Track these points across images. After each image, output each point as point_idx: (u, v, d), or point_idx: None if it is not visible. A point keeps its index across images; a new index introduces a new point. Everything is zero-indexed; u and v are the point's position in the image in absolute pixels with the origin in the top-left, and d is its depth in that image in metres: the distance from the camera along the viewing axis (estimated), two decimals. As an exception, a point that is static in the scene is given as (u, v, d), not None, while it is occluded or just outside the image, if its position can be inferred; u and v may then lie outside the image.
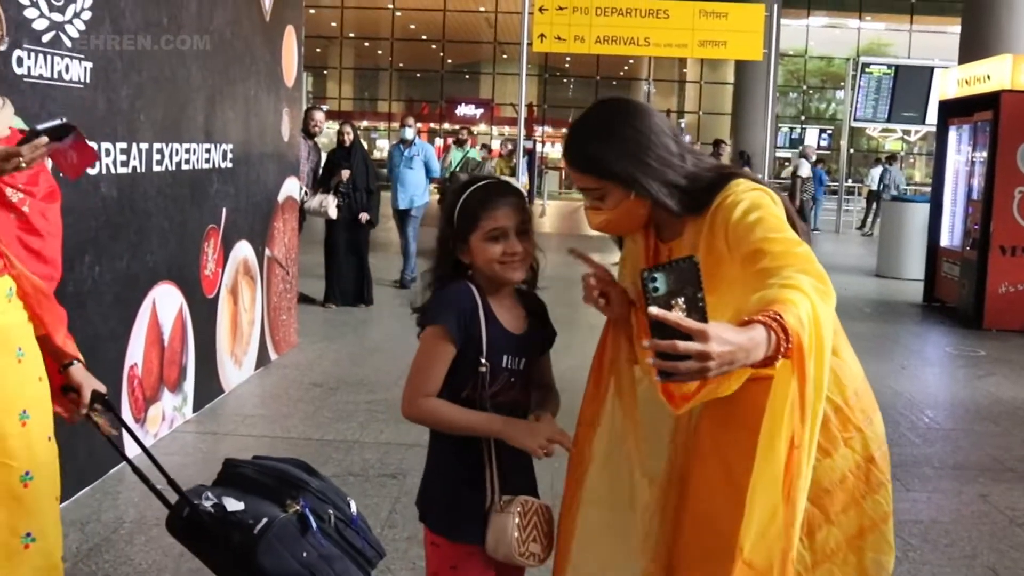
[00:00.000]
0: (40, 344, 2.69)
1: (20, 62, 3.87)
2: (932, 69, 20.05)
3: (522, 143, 15.92)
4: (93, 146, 2.87)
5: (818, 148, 28.90)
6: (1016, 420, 6.52)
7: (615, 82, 39.82)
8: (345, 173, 9.66)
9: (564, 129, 37.84)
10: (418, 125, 13.01)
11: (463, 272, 2.35)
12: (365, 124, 40.69)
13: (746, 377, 1.84)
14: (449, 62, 41.25)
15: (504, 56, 39.39)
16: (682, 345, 1.62)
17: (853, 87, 21.68)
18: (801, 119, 38.41)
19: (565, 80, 42.38)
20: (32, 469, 2.55)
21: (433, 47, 40.11)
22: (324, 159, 10.33)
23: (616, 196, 2.20)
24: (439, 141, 30.89)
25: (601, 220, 2.27)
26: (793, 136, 33.33)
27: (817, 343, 1.79)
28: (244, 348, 6.66)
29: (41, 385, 2.63)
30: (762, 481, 1.89)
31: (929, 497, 4.98)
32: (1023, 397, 7.18)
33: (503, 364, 2.31)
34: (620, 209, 2.22)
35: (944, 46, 25.37)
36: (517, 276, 2.33)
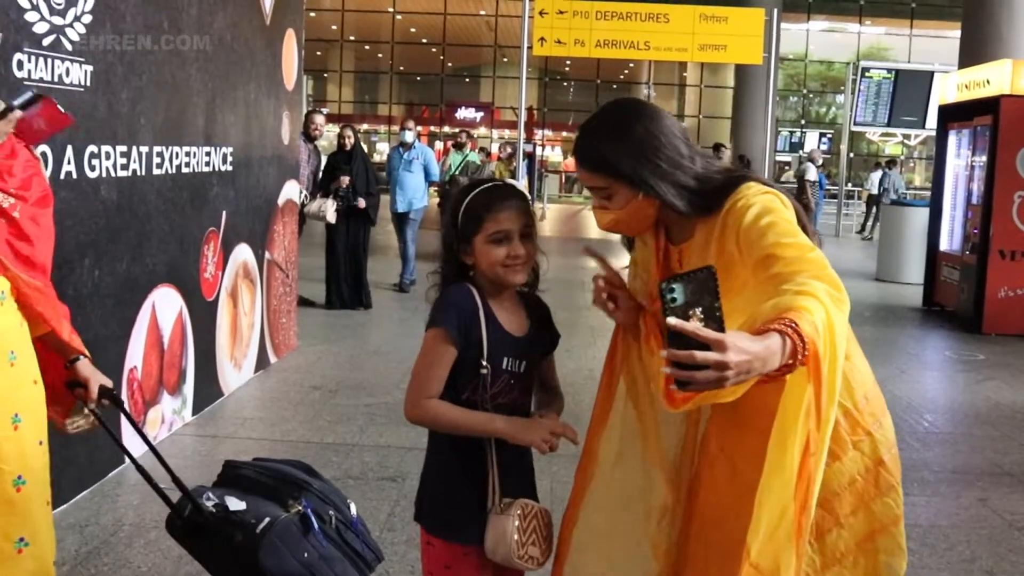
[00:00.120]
0: (47, 341, 2.69)
1: (20, 65, 3.87)
2: (932, 73, 20.05)
3: (522, 146, 15.94)
4: (66, 113, 2.87)
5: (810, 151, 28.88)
6: (1015, 424, 6.52)
7: (615, 86, 39.84)
8: (345, 180, 9.66)
9: (564, 133, 37.79)
10: (418, 128, 13.00)
11: (466, 274, 2.36)
12: (365, 127, 40.71)
13: (747, 388, 1.84)
14: (449, 65, 41.28)
15: (504, 60, 39.43)
16: (700, 355, 1.64)
17: (853, 91, 21.69)
18: (801, 123, 38.43)
19: (565, 84, 42.40)
20: (24, 473, 2.53)
21: (433, 50, 40.14)
22: (324, 162, 10.33)
23: (624, 196, 2.21)
24: (439, 144, 30.92)
25: (609, 220, 2.27)
26: (793, 140, 33.33)
27: (831, 350, 1.80)
28: (244, 351, 6.66)
29: (35, 389, 2.61)
30: (772, 485, 1.90)
31: (928, 501, 4.98)
32: (1022, 401, 7.18)
33: (503, 366, 2.32)
34: (628, 209, 2.23)
35: (944, 51, 25.37)
36: (519, 279, 2.33)
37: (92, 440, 4.37)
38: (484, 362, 2.28)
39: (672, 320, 1.66)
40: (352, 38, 40.50)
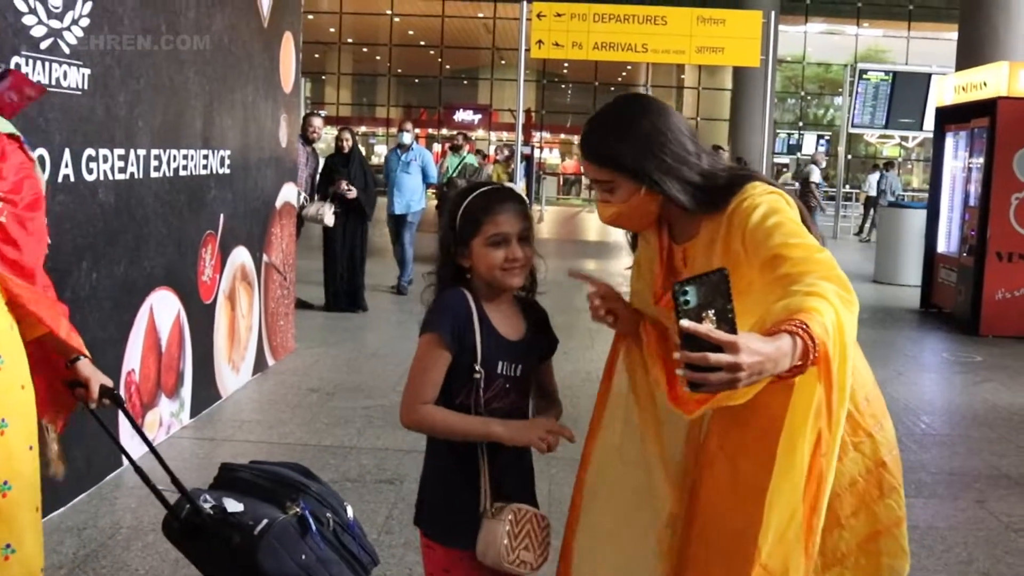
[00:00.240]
0: (47, 341, 2.66)
1: (18, 68, 3.87)
2: (929, 76, 20.06)
3: (520, 148, 15.94)
4: (36, 83, 2.87)
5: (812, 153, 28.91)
6: (1012, 426, 6.53)
7: (613, 88, 39.82)
8: (351, 192, 9.67)
9: (562, 135, 37.70)
10: (416, 130, 13.01)
11: (463, 277, 2.36)
12: (363, 130, 40.70)
13: (760, 388, 1.85)
14: (447, 68, 41.28)
15: (502, 62, 39.43)
16: (713, 357, 1.66)
17: (851, 93, 21.72)
18: (799, 125, 38.44)
19: (563, 86, 42.40)
20: (10, 479, 2.48)
21: (431, 53, 40.14)
22: (322, 165, 10.33)
23: (627, 190, 2.22)
24: (437, 147, 30.91)
25: (610, 213, 2.29)
26: (791, 142, 33.35)
27: (841, 351, 1.82)
28: (241, 354, 6.66)
29: (24, 393, 2.56)
30: (781, 486, 1.91)
31: (925, 503, 4.99)
32: (1019, 403, 7.19)
33: (498, 370, 2.32)
34: (630, 203, 2.24)
35: (941, 53, 25.42)
36: (516, 282, 2.34)
37: (90, 443, 4.38)
38: (477, 367, 2.28)
39: (685, 322, 1.68)
40: (350, 40, 40.48)
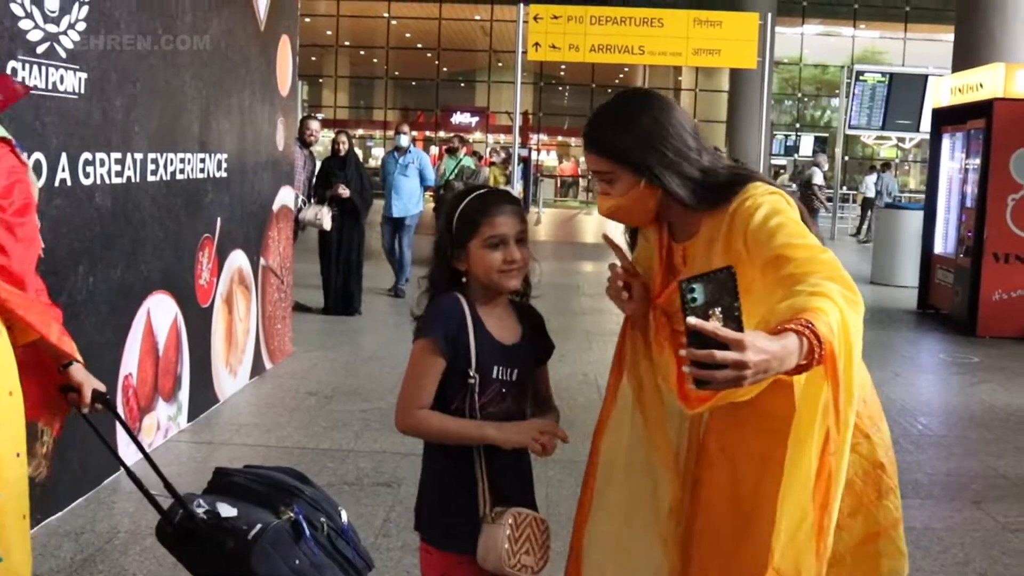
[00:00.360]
0: (39, 345, 2.63)
1: (15, 73, 3.88)
2: (926, 77, 20.09)
3: (517, 151, 15.95)
4: (19, 83, 2.83)
5: (812, 156, 28.93)
6: (1009, 427, 6.54)
7: (610, 90, 39.75)
8: (344, 192, 9.67)
9: (559, 137, 37.71)
10: (413, 133, 13.01)
11: (458, 280, 2.35)
12: (360, 132, 40.69)
13: (767, 384, 1.87)
14: (444, 70, 41.28)
15: (499, 64, 39.45)
16: (719, 355, 1.67)
17: (848, 95, 21.74)
18: (796, 127, 38.47)
19: (560, 88, 42.39)
20: None
21: (428, 55, 40.15)
22: (318, 168, 10.33)
23: (626, 182, 2.23)
24: (434, 149, 30.94)
25: (609, 205, 2.30)
26: (788, 144, 33.37)
27: (847, 350, 1.82)
28: (239, 357, 6.66)
29: (11, 399, 2.49)
30: (791, 488, 1.91)
31: (922, 504, 4.99)
32: (1016, 404, 7.20)
33: (493, 375, 2.32)
34: (629, 196, 2.24)
35: (938, 54, 25.47)
36: (514, 284, 2.34)
37: (87, 447, 4.37)
38: (472, 371, 2.28)
39: (692, 320, 1.69)
40: (347, 43, 40.50)
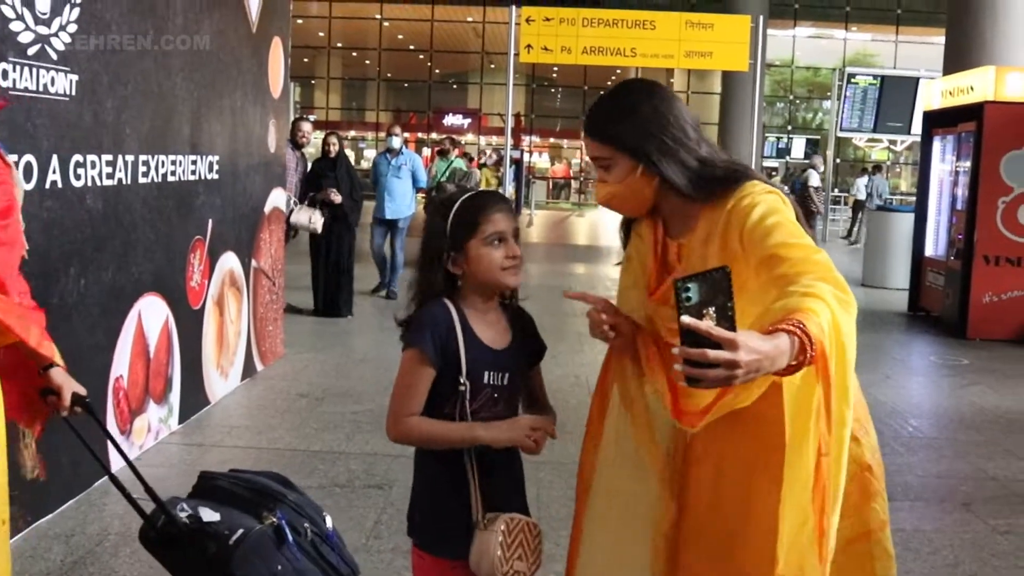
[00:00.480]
0: (20, 347, 2.60)
1: (5, 75, 3.87)
2: (917, 80, 20.16)
3: (509, 153, 15.95)
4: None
5: (804, 158, 29.00)
6: (999, 429, 6.56)
7: (602, 92, 39.80)
8: (336, 197, 9.67)
9: (551, 139, 37.69)
10: (405, 135, 13.00)
11: (452, 286, 2.34)
12: (353, 134, 40.69)
13: (764, 389, 1.87)
14: (437, 72, 41.30)
15: (492, 66, 39.46)
16: (712, 354, 1.67)
17: (839, 97, 21.80)
18: (788, 129, 38.54)
19: (552, 90, 42.43)
20: None
21: (421, 57, 40.16)
22: (308, 169, 10.33)
23: (623, 168, 2.24)
24: (426, 151, 30.94)
25: (606, 192, 2.30)
26: (780, 146, 33.43)
27: (839, 350, 1.83)
28: (230, 359, 6.66)
29: None
30: (791, 492, 1.92)
31: (912, 505, 5.01)
32: (1006, 406, 7.22)
33: (484, 380, 2.31)
34: (626, 183, 2.25)
35: (929, 57, 25.50)
36: (516, 280, 2.34)
37: (77, 449, 4.36)
38: (462, 379, 2.28)
39: (686, 318, 1.69)
40: (339, 45, 40.47)
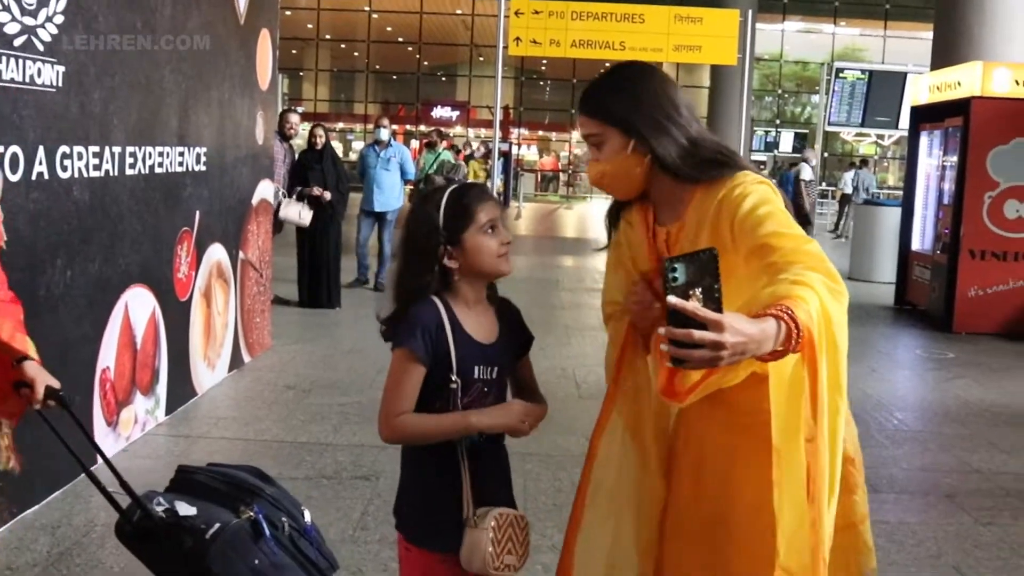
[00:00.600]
0: None
1: (-8, 65, 3.86)
2: (905, 75, 20.22)
3: (498, 145, 15.95)
4: None
5: (792, 152, 29.06)
6: (984, 422, 6.60)
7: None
8: (326, 195, 9.66)
9: (540, 132, 37.48)
10: (393, 127, 12.99)
11: (447, 281, 2.32)
12: (341, 126, 40.62)
13: (750, 371, 1.88)
14: (425, 64, 41.24)
15: (480, 59, 39.43)
16: (697, 334, 1.68)
17: (827, 91, 21.86)
18: (776, 123, 38.62)
19: (541, 83, 42.43)
20: None
21: (409, 49, 40.09)
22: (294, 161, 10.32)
23: (614, 144, 2.25)
24: (414, 143, 30.88)
25: (597, 171, 2.31)
26: (768, 140, 33.49)
27: (829, 339, 1.84)
28: (217, 351, 6.65)
29: None
30: (789, 483, 1.93)
31: (897, 498, 5.03)
32: (991, 399, 7.26)
33: (475, 375, 2.31)
34: (617, 161, 2.26)
35: (917, 52, 25.56)
36: (509, 268, 2.35)
37: (67, 438, 4.35)
38: (454, 376, 2.27)
39: (672, 298, 1.70)
40: (328, 37, 40.40)
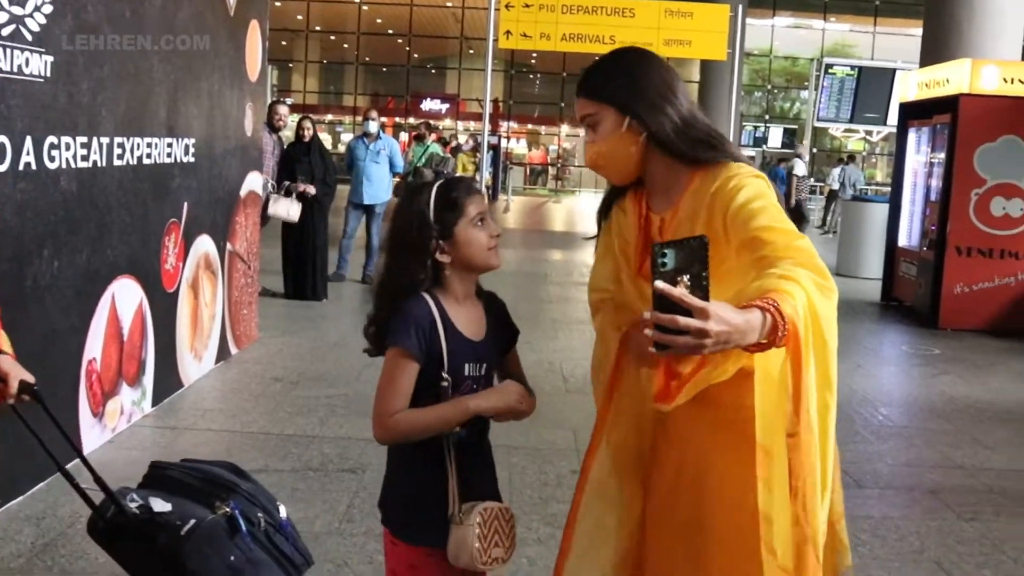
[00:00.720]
0: None
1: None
2: (894, 71, 20.29)
3: (487, 138, 15.94)
4: None
5: (781, 147, 29.12)
6: (968, 418, 6.64)
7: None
8: (311, 190, 9.67)
9: (530, 125, 37.48)
10: (382, 119, 12.97)
11: (436, 277, 2.32)
12: (330, 118, 40.52)
13: (739, 366, 1.89)
14: (415, 57, 41.14)
15: (470, 52, 39.36)
16: (682, 321, 1.68)
17: (817, 87, 21.91)
18: (765, 118, 38.66)
19: (531, 76, 42.38)
20: None
21: (399, 42, 39.99)
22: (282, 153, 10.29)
23: (610, 123, 2.26)
24: (404, 136, 30.85)
25: (593, 152, 2.32)
26: (757, 135, 33.55)
27: (816, 335, 1.85)
28: (204, 342, 6.64)
29: None
30: (777, 483, 1.94)
31: (881, 493, 5.07)
32: (976, 396, 7.31)
33: (465, 372, 2.32)
34: (613, 140, 2.27)
35: (906, 48, 25.64)
36: (499, 261, 2.36)
37: (49, 432, 4.34)
38: (445, 374, 2.27)
39: (659, 284, 1.70)
40: (318, 28, 40.27)
